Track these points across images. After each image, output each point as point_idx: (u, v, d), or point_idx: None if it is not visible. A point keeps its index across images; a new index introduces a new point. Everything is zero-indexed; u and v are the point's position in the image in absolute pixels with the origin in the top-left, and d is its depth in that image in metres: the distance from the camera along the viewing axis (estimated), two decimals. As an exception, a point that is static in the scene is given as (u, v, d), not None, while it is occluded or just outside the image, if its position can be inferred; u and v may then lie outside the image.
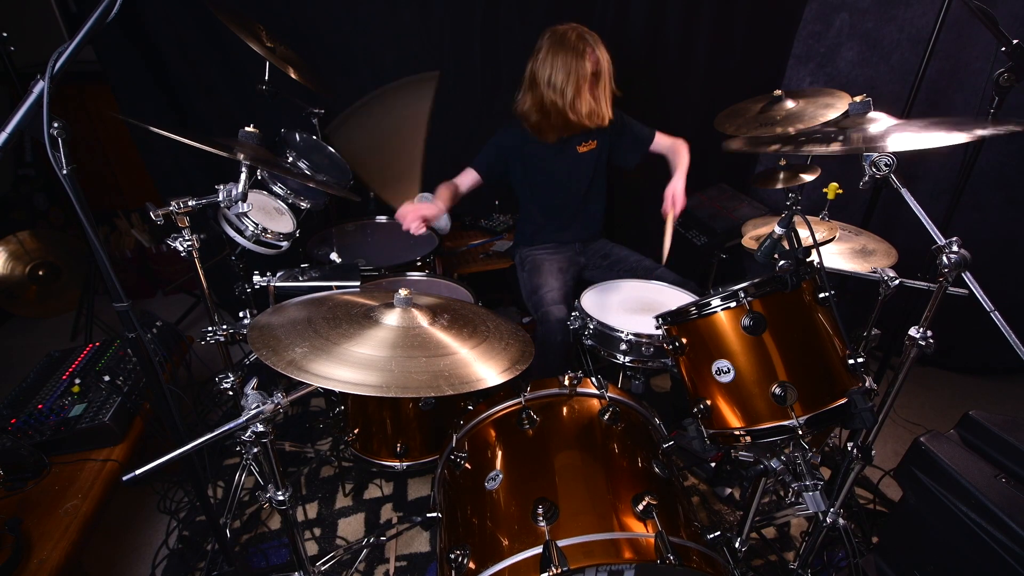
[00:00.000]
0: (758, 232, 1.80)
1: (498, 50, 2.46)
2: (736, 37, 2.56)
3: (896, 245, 1.74)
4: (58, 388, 1.69)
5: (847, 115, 1.34)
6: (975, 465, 1.30)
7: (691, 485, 2.00)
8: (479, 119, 2.55)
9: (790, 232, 1.17)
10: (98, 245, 0.95)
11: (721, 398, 1.17)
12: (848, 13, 2.41)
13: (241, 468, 1.86)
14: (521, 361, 1.19)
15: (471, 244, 2.64)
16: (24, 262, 2.83)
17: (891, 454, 2.12)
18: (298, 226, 1.83)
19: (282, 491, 1.13)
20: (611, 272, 2.12)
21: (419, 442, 1.74)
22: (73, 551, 1.29)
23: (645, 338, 1.60)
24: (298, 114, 2.25)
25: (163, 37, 2.18)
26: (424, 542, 1.77)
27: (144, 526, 1.85)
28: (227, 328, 1.59)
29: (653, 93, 2.59)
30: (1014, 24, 2.07)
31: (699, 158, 2.80)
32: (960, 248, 1.01)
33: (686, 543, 1.08)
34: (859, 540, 1.73)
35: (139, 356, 1.10)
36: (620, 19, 2.45)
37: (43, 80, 0.85)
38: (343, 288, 1.59)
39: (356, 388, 0.97)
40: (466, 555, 1.13)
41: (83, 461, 1.52)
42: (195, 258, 1.42)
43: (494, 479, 1.24)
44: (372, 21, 2.29)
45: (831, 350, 1.13)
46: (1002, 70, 1.52)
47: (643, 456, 1.29)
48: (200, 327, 1.78)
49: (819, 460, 1.83)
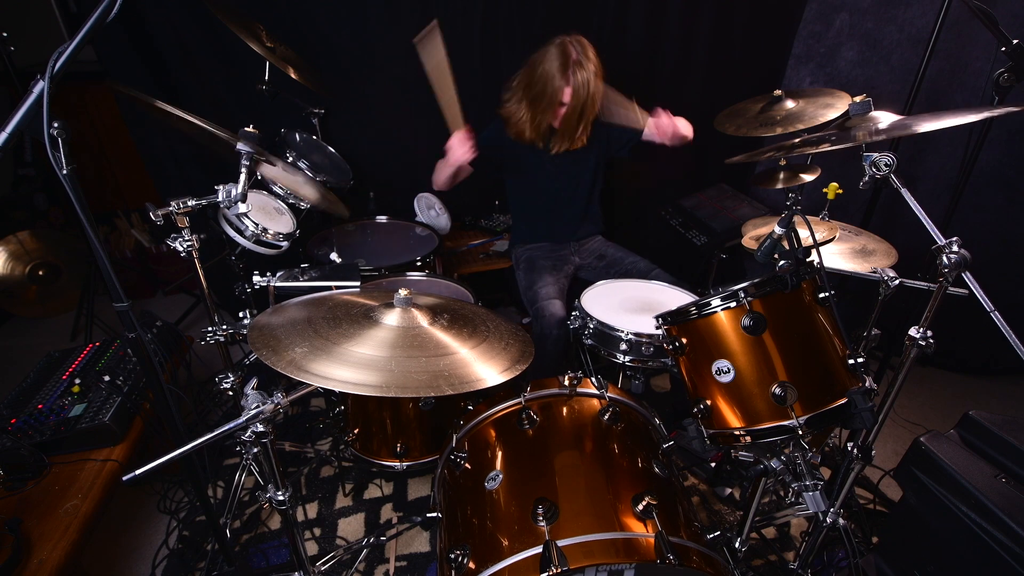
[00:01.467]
0: (758, 232, 1.80)
1: (498, 50, 2.46)
2: (736, 37, 2.56)
3: (896, 245, 1.74)
4: (58, 388, 1.69)
5: (847, 116, 1.34)
6: (975, 465, 1.30)
7: (691, 485, 2.00)
8: (479, 119, 2.54)
9: (790, 232, 1.17)
10: (98, 245, 0.95)
11: (721, 398, 1.17)
12: (848, 13, 2.41)
13: (241, 468, 1.86)
14: (521, 361, 1.19)
15: (471, 244, 2.65)
16: (24, 262, 2.83)
17: (891, 454, 2.12)
18: (298, 226, 1.83)
19: (282, 491, 1.13)
20: (607, 273, 2.12)
21: (419, 442, 1.74)
22: (73, 551, 1.29)
23: (645, 338, 1.60)
24: (298, 114, 2.25)
25: (163, 37, 2.18)
26: (424, 542, 1.77)
27: (144, 526, 1.85)
28: (227, 328, 1.59)
29: (653, 93, 2.59)
30: (1014, 24, 2.07)
31: (699, 158, 2.81)
32: (960, 248, 1.01)
33: (686, 543, 1.08)
34: (859, 540, 1.73)
35: (139, 356, 1.10)
36: (620, 19, 2.45)
37: (43, 80, 0.85)
38: (343, 288, 1.59)
39: (356, 388, 0.98)
40: (466, 555, 1.13)
41: (83, 461, 1.52)
42: (195, 258, 1.42)
43: (494, 479, 1.24)
44: (372, 21, 2.29)
45: (831, 350, 1.13)
46: (1002, 70, 1.52)
47: (643, 456, 1.29)
48: (200, 327, 1.78)
49: (819, 460, 1.83)
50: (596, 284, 1.92)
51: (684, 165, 2.81)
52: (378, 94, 2.44)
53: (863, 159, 1.09)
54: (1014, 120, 2.20)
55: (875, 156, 1.08)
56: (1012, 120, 2.19)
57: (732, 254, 2.44)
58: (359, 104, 2.45)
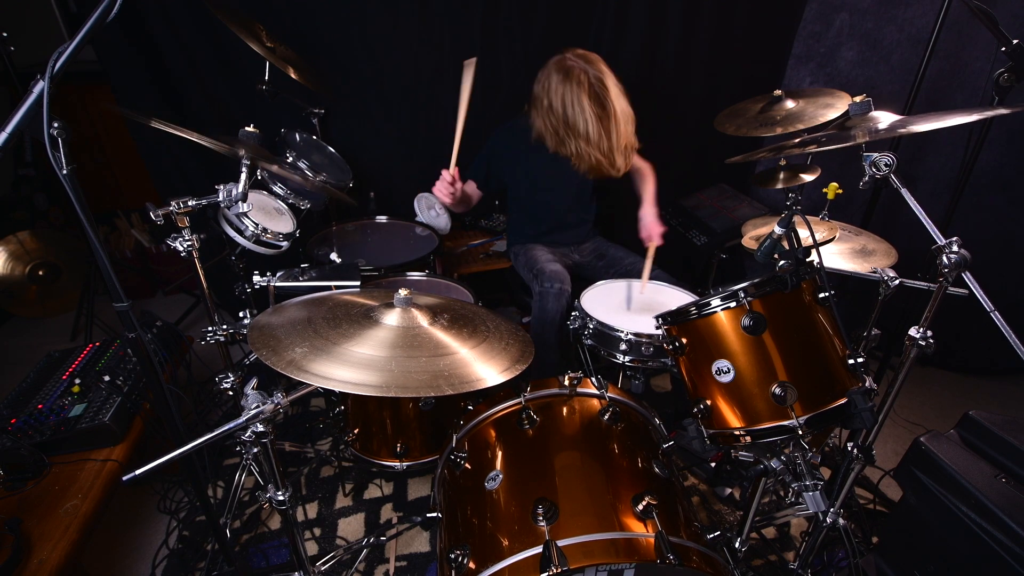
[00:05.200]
0: (758, 232, 1.80)
1: (498, 51, 2.46)
2: (736, 37, 2.56)
3: (896, 245, 1.74)
4: (58, 388, 1.69)
5: (847, 116, 1.34)
6: (975, 465, 1.30)
7: (691, 485, 1.99)
8: (479, 119, 2.55)
9: (790, 232, 1.17)
10: (98, 245, 0.95)
11: (721, 398, 1.17)
12: (848, 13, 2.41)
13: (241, 468, 1.86)
14: (521, 361, 1.19)
15: (471, 244, 2.65)
16: (24, 262, 2.83)
17: (891, 454, 2.12)
18: (298, 226, 1.83)
19: (282, 491, 1.13)
20: (607, 273, 2.12)
21: (419, 442, 1.74)
22: (73, 551, 1.29)
23: (645, 338, 1.60)
24: (298, 114, 2.25)
25: (163, 37, 2.18)
26: (424, 542, 1.77)
27: (144, 526, 1.85)
28: (227, 328, 1.59)
29: (654, 93, 2.59)
30: (1014, 24, 2.07)
31: (699, 158, 2.82)
32: (960, 248, 1.01)
33: (686, 543, 1.08)
34: (859, 540, 1.73)
35: (139, 356, 1.10)
36: (621, 18, 2.45)
37: (43, 80, 0.85)
38: (343, 288, 1.59)
39: (356, 388, 0.97)
40: (466, 555, 1.13)
41: (83, 461, 1.52)
42: (195, 258, 1.42)
43: (494, 479, 1.24)
44: (372, 21, 2.29)
45: (831, 350, 1.13)
46: (1002, 70, 1.52)
47: (643, 456, 1.29)
48: (200, 327, 1.78)
49: (819, 460, 1.83)
50: (596, 284, 1.92)
51: (684, 165, 2.82)
52: (378, 94, 2.44)
53: (863, 159, 1.10)
54: (1014, 120, 2.20)
55: (875, 156, 1.08)
56: (1012, 120, 2.19)
57: (732, 254, 2.44)
58: (359, 104, 2.45)
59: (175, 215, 1.33)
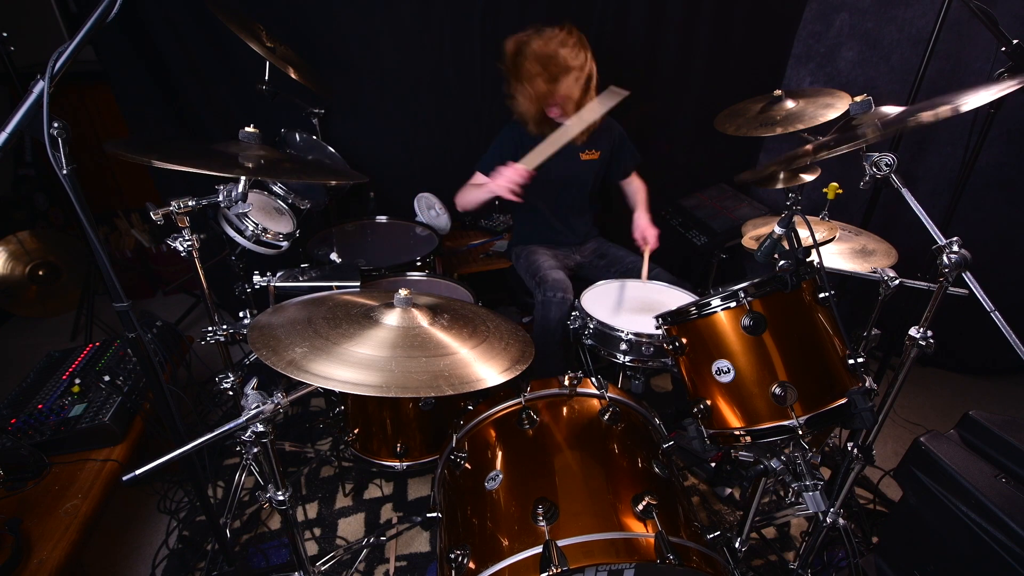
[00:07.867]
0: (758, 232, 1.80)
1: (498, 50, 2.45)
2: (736, 37, 2.56)
3: (896, 245, 1.74)
4: (58, 388, 1.69)
5: (847, 116, 1.34)
6: (975, 465, 1.30)
7: (691, 485, 1.99)
8: (479, 119, 2.55)
9: (790, 232, 1.17)
10: (98, 245, 0.95)
11: (721, 398, 1.17)
12: (848, 13, 2.41)
13: (241, 468, 1.86)
14: (521, 361, 1.19)
15: (471, 244, 2.65)
16: (24, 262, 2.83)
17: (891, 454, 2.12)
18: (298, 226, 1.83)
19: (282, 491, 1.13)
20: (607, 272, 2.13)
21: (419, 442, 1.74)
22: (73, 551, 1.29)
23: (645, 338, 1.60)
24: (298, 114, 2.25)
25: (163, 37, 2.17)
26: (424, 542, 1.77)
27: (144, 526, 1.85)
28: (227, 328, 1.59)
29: (653, 93, 2.59)
30: (1014, 24, 2.07)
31: (700, 158, 2.81)
32: (960, 248, 1.01)
33: (686, 543, 1.08)
34: (859, 540, 1.73)
35: (139, 356, 1.10)
36: (620, 18, 2.45)
37: (43, 80, 0.85)
38: (343, 288, 1.59)
39: (356, 388, 0.97)
40: (466, 555, 1.13)
41: (83, 461, 1.52)
42: (195, 258, 1.42)
43: (494, 479, 1.24)
44: (372, 21, 2.29)
45: (831, 350, 1.13)
46: (1002, 70, 1.52)
47: (643, 456, 1.29)
48: (200, 327, 1.78)
49: (819, 460, 1.83)
50: (596, 284, 1.92)
51: (684, 165, 2.82)
52: (378, 94, 2.44)
53: (863, 159, 1.09)
54: (1014, 120, 2.20)
55: (875, 156, 1.08)
56: (1012, 120, 2.19)
57: (732, 254, 2.44)
58: (359, 104, 2.44)
59: (175, 215, 1.33)
